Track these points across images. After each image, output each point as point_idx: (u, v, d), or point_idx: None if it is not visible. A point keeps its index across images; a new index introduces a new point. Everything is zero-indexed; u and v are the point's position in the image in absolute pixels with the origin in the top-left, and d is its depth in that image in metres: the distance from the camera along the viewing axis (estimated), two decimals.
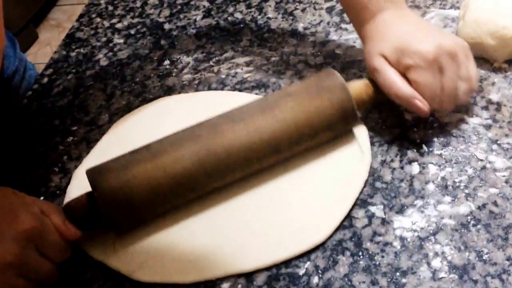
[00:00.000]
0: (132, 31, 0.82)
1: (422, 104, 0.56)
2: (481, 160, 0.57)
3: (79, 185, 0.60)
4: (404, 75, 0.57)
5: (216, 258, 0.52)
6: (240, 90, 0.69)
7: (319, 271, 0.51)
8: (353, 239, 0.53)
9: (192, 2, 0.84)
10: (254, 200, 0.56)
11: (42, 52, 2.22)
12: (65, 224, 0.51)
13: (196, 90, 0.70)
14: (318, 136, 0.57)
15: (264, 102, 0.57)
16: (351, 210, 0.55)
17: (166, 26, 0.81)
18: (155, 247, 0.54)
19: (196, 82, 0.71)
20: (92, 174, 0.53)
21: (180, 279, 0.52)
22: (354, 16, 0.63)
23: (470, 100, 0.62)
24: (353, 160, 0.58)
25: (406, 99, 0.56)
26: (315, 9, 0.79)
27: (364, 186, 0.57)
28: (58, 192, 0.61)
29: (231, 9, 0.82)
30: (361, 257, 0.51)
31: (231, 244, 0.53)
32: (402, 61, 0.56)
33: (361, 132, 0.61)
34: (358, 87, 0.59)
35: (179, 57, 0.75)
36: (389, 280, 0.49)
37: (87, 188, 0.57)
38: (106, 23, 0.84)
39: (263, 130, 0.55)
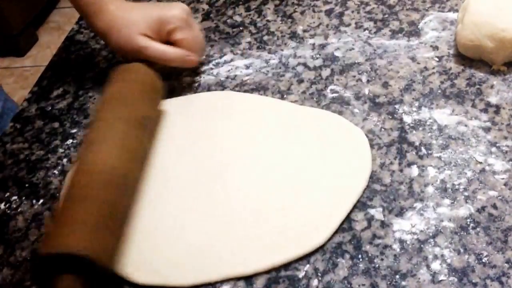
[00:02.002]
0: None
1: (193, 57, 0.67)
2: (480, 162, 0.57)
3: None
4: (166, 42, 0.66)
5: (216, 261, 0.52)
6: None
7: (319, 274, 0.51)
8: (352, 242, 0.53)
9: (192, 5, 0.84)
10: (253, 203, 0.56)
11: (42, 55, 2.23)
12: None
13: (196, 93, 0.70)
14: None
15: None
16: (350, 212, 0.55)
17: None
18: (153, 250, 0.54)
19: (196, 84, 0.71)
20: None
21: (179, 282, 0.52)
22: (83, 12, 0.69)
23: None
24: (353, 163, 0.58)
25: (180, 59, 0.67)
26: (314, 11, 0.79)
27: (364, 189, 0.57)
28: (58, 194, 0.61)
29: (230, 12, 0.82)
30: (361, 259, 0.51)
31: (230, 247, 0.53)
32: (165, 28, 0.66)
33: (359, 136, 0.61)
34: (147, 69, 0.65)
35: None
36: (388, 283, 0.49)
37: None
38: None
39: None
